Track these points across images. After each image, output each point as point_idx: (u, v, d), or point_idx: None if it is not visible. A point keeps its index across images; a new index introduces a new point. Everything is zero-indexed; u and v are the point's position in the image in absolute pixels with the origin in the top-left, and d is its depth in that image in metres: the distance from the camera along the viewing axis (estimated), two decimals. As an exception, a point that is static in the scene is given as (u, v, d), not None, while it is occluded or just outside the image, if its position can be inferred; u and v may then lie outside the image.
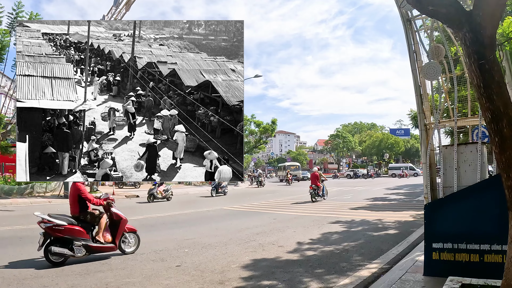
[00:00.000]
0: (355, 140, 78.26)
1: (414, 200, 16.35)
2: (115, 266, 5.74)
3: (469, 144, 4.81)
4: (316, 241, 7.58)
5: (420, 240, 6.81)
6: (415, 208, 12.91)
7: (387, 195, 19.75)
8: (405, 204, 14.88)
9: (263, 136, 44.93)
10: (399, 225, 9.39)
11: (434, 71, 5.00)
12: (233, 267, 5.59)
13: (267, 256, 6.28)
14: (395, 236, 7.91)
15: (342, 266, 5.60)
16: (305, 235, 8.29)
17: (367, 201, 16.30)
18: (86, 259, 6.01)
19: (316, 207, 14.37)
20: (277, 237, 8.04)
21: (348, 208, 13.63)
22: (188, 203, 16.47)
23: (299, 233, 8.57)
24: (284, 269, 5.47)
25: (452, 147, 4.84)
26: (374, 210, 12.68)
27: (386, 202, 15.96)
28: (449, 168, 4.83)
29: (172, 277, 5.19)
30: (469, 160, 4.70)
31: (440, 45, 5.12)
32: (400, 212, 11.82)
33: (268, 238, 7.96)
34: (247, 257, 6.17)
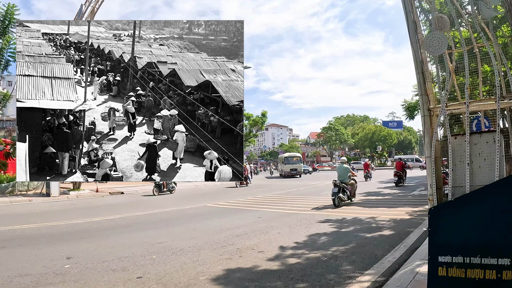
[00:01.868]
0: (347, 133, 78.32)
1: (409, 194, 15.27)
2: (69, 277, 5.04)
3: (484, 133, 3.95)
4: (302, 245, 6.71)
5: (418, 243, 6.33)
6: (411, 204, 12.14)
7: (380, 189, 18.45)
8: (399, 199, 13.81)
9: (253, 129, 43.89)
10: (395, 225, 8.60)
11: (439, 43, 4.08)
12: (201, 280, 4.88)
13: (243, 265, 5.55)
14: (391, 238, 7.07)
15: (329, 279, 4.83)
16: (290, 237, 7.41)
17: (359, 196, 14.84)
18: (44, 266, 5.46)
19: (305, 203, 13.23)
20: (258, 240, 7.16)
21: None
22: (190, 198, 15.68)
23: (283, 235, 7.69)
24: (260, 284, 4.70)
25: (463, 136, 3.97)
26: (367, 207, 11.72)
27: (380, 197, 14.84)
28: (460, 163, 3.97)
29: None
30: (485, 153, 3.88)
31: (444, 16, 4.22)
32: (395, 209, 11.00)
33: (248, 241, 7.12)
34: (220, 267, 5.48)
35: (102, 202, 15.13)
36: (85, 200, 15.91)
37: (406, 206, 11.57)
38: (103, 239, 7.55)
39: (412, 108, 20.52)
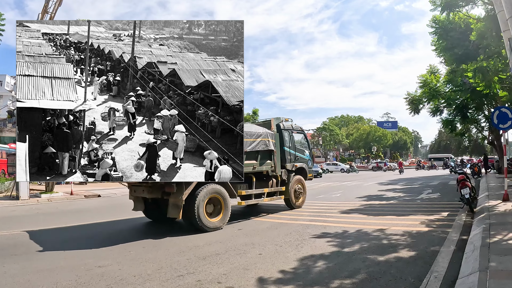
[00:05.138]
0: (342, 133, 78.44)
1: (417, 198, 13.48)
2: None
3: None
4: (289, 277, 4.80)
5: (454, 272, 4.60)
6: (423, 210, 10.40)
7: (382, 192, 16.86)
8: (408, 205, 11.90)
9: None
10: (412, 241, 6.64)
11: None
12: None
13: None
14: (412, 264, 5.19)
15: None
16: (275, 261, 5.55)
17: (360, 200, 13.48)
18: None
19: (298, 210, 11.34)
20: (230, 266, 5.34)
21: (338, 212, 10.82)
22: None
23: (266, 257, 5.83)
24: None
25: None
26: (371, 215, 9.96)
27: (384, 202, 13.03)
28: None
29: None
30: None
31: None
32: (406, 217, 9.25)
33: (217, 268, 5.30)
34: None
35: (72, 206, 13.89)
36: (55, 204, 14.68)
37: (417, 213, 9.96)
38: (35, 257, 6.24)
39: (416, 102, 19.75)
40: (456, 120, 21.35)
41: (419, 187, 18.83)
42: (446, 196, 13.57)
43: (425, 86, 18.92)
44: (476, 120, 22.42)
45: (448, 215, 9.37)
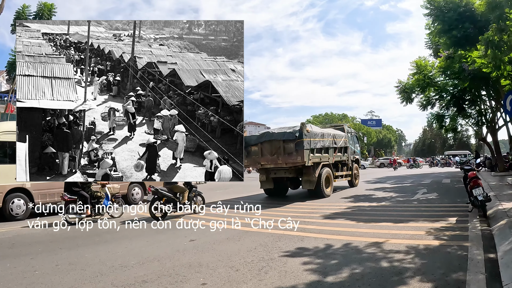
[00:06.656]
0: None
1: (412, 200, 11.14)
2: None
3: None
4: None
5: None
6: (424, 215, 8.22)
7: (370, 191, 14.24)
8: (403, 207, 9.67)
9: None
10: (422, 262, 4.60)
11: None
12: None
13: None
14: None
15: None
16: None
17: (346, 201, 11.34)
18: None
19: (272, 213, 9.12)
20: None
21: (320, 216, 8.63)
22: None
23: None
24: None
25: None
26: (361, 221, 7.75)
27: (374, 203, 10.70)
28: None
29: None
30: None
31: None
32: (406, 225, 7.17)
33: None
34: None
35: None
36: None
37: (418, 218, 7.80)
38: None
39: (409, 90, 18.07)
40: (448, 115, 19.82)
41: (411, 186, 16.43)
42: (445, 197, 11.55)
43: (419, 73, 17.19)
44: (469, 114, 20.87)
45: (457, 222, 7.35)
